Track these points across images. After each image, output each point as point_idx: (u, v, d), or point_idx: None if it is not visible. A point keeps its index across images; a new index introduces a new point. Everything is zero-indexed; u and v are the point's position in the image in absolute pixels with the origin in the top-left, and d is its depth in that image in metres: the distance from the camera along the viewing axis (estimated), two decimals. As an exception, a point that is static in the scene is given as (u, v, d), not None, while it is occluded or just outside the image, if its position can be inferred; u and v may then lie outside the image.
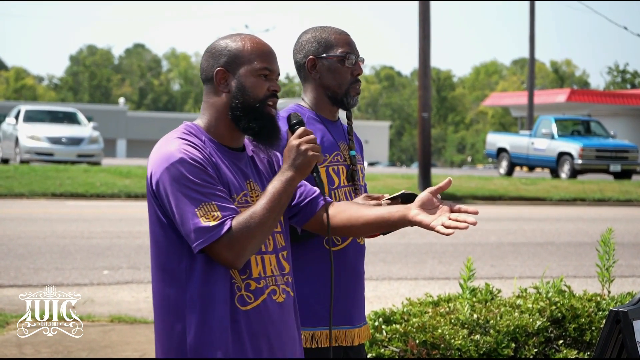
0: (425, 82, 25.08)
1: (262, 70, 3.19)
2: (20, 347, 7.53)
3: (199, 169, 3.05)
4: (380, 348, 5.83)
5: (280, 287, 3.20)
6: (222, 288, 3.07)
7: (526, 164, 33.74)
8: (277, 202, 3.06)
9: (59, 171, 23.97)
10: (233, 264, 3.04)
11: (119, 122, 78.63)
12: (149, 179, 3.11)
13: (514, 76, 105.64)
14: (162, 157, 3.08)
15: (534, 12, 40.22)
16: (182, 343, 3.08)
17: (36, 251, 12.64)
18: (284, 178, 3.10)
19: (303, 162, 3.11)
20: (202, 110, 3.24)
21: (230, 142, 3.22)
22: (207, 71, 3.22)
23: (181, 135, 3.14)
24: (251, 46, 3.21)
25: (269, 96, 3.20)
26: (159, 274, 3.14)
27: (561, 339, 5.95)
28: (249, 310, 3.11)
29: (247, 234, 3.01)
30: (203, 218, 2.99)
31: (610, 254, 6.56)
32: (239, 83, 3.17)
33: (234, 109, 3.17)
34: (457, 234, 15.77)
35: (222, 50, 3.21)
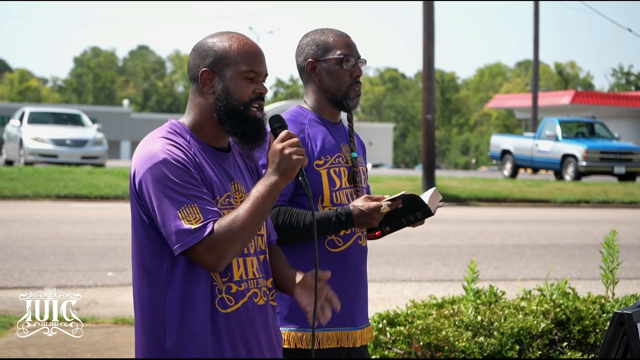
0: (429, 84, 25.08)
1: (248, 73, 3.14)
2: (25, 349, 7.54)
3: (182, 170, 3.01)
4: (384, 350, 5.83)
5: (261, 290, 3.18)
6: (202, 290, 3.05)
7: (530, 166, 33.70)
8: (260, 207, 3.02)
9: (63, 173, 23.98)
10: (213, 268, 3.01)
11: (123, 124, 78.69)
12: (132, 178, 3.08)
13: (518, 78, 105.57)
14: (146, 156, 3.05)
15: (538, 14, 40.20)
16: (161, 345, 3.08)
17: (40, 253, 12.65)
18: (268, 182, 3.05)
19: (287, 166, 3.06)
20: (188, 109, 3.21)
21: (215, 142, 3.19)
22: (193, 70, 3.19)
23: (165, 135, 3.11)
24: (238, 47, 3.16)
25: (255, 99, 3.15)
26: (140, 274, 3.11)
27: (565, 341, 5.95)
28: (229, 313, 3.09)
29: (229, 237, 2.98)
30: (185, 220, 2.97)
31: (615, 256, 6.55)
32: (224, 85, 3.13)
33: (219, 111, 3.13)
34: (461, 236, 15.76)
35: (208, 50, 3.17)
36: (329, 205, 3.85)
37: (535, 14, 40.21)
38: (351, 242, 3.90)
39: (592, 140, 31.64)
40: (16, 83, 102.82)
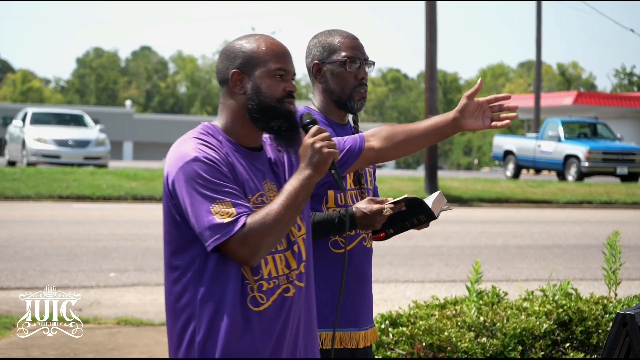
0: (431, 84, 25.06)
1: (277, 71, 3.20)
2: (27, 349, 7.55)
3: (214, 168, 3.06)
4: (387, 351, 5.83)
5: (293, 283, 3.21)
6: (233, 289, 3.08)
7: (533, 167, 33.69)
8: (293, 200, 3.06)
9: (65, 173, 23.99)
10: (248, 261, 3.05)
11: (126, 125, 78.73)
12: (165, 179, 3.14)
13: (520, 79, 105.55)
14: (178, 156, 3.11)
15: (540, 15, 40.20)
16: (191, 342, 3.12)
17: (42, 253, 12.65)
18: (301, 176, 3.10)
19: (319, 159, 3.11)
20: (220, 112, 3.27)
21: (248, 142, 3.23)
22: (222, 73, 3.24)
23: (197, 135, 3.17)
24: (266, 47, 3.22)
25: (285, 97, 3.20)
26: (172, 273, 3.15)
27: (568, 342, 5.95)
28: (262, 311, 3.12)
29: (262, 230, 3.01)
30: (217, 215, 3.00)
31: (617, 257, 6.55)
32: (254, 85, 3.19)
33: (251, 111, 3.19)
34: (463, 237, 15.76)
35: (237, 51, 3.22)
36: (333, 207, 3.85)
37: (537, 14, 40.21)
38: (355, 243, 3.90)
39: (594, 140, 31.63)
40: (19, 84, 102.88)
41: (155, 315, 9.25)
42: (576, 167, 30.67)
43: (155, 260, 12.51)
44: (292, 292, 3.20)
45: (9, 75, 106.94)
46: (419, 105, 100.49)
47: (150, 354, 7.59)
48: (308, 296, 3.29)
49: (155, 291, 10.62)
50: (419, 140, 3.70)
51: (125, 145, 78.27)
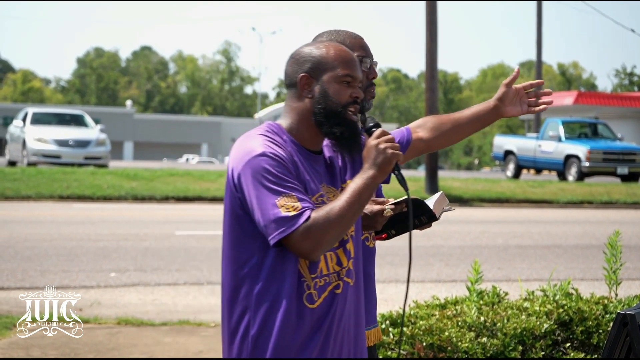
0: (432, 84, 25.07)
1: (345, 77, 3.27)
2: (28, 349, 7.55)
3: (280, 163, 3.13)
4: (387, 351, 5.83)
5: (343, 280, 3.28)
6: (290, 285, 3.16)
7: (533, 167, 33.68)
8: (357, 198, 3.13)
9: (65, 173, 23.99)
10: (309, 255, 3.11)
11: (126, 125, 78.74)
12: (230, 173, 3.20)
13: (521, 78, 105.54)
14: (245, 151, 3.17)
15: (541, 15, 40.21)
16: (245, 335, 3.20)
17: (43, 253, 12.66)
18: (366, 176, 3.17)
19: (384, 160, 3.17)
20: (285, 114, 3.33)
21: (310, 145, 3.31)
22: (291, 76, 3.31)
23: (263, 133, 3.23)
24: (335, 53, 3.30)
25: (351, 103, 3.28)
26: (231, 266, 3.23)
27: (568, 342, 5.95)
28: (316, 308, 3.20)
29: (325, 225, 3.07)
30: (283, 208, 3.07)
31: (618, 257, 6.55)
32: (322, 89, 3.26)
33: (317, 114, 3.26)
34: (463, 237, 15.76)
35: (306, 56, 3.30)
36: None
37: (538, 14, 40.22)
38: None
39: (595, 140, 31.63)
40: (19, 84, 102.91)
41: (156, 315, 9.26)
42: (577, 167, 30.67)
43: (156, 260, 12.51)
44: (341, 289, 3.28)
45: (10, 75, 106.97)
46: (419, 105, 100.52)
47: (151, 354, 7.59)
48: (357, 293, 3.37)
49: (155, 291, 10.63)
50: (464, 129, 3.88)
51: (125, 145, 78.29)
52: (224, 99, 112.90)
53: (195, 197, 22.40)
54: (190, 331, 8.51)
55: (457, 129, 3.88)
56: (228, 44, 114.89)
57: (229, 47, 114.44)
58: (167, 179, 24.48)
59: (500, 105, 3.86)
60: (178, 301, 10.15)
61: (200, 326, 8.74)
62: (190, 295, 10.45)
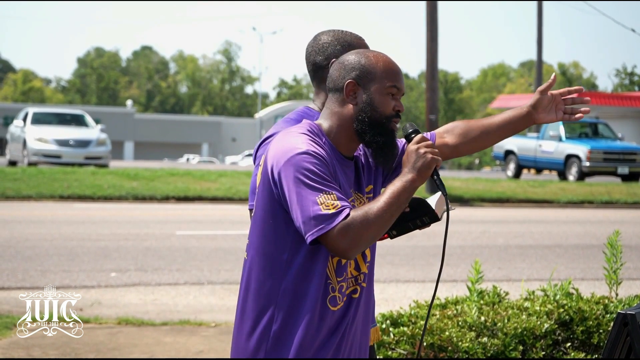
0: (432, 84, 25.07)
1: (391, 89, 3.30)
2: (28, 349, 7.55)
3: (322, 163, 3.16)
4: (388, 350, 5.83)
5: (360, 285, 3.33)
6: (316, 286, 3.20)
7: (534, 167, 33.68)
8: (395, 199, 3.14)
9: (66, 173, 24.00)
10: (346, 253, 3.12)
11: (127, 125, 78.74)
12: (269, 169, 3.21)
13: (521, 78, 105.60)
14: (287, 148, 3.18)
15: (541, 14, 40.21)
16: (267, 329, 3.22)
17: (43, 253, 12.66)
18: (405, 179, 3.19)
19: (423, 164, 3.20)
20: (325, 116, 3.36)
21: (344, 150, 3.34)
22: (337, 81, 3.34)
23: (305, 132, 3.25)
24: (384, 64, 3.32)
25: (394, 115, 3.31)
26: (260, 261, 3.25)
27: (569, 342, 5.95)
28: (337, 310, 3.25)
29: (364, 224, 3.09)
30: (323, 206, 3.09)
31: (618, 257, 6.55)
32: (368, 98, 3.29)
33: (361, 122, 3.29)
34: (464, 237, 15.76)
35: (354, 64, 3.33)
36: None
37: (538, 14, 40.21)
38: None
39: (595, 140, 31.62)
40: (20, 83, 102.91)
41: (156, 315, 9.26)
42: (577, 166, 30.66)
43: (156, 260, 12.52)
44: (358, 293, 3.33)
45: (10, 75, 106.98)
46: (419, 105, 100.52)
47: (151, 354, 7.59)
48: (368, 296, 3.41)
49: (156, 291, 10.63)
50: (494, 136, 3.81)
51: (126, 145, 78.29)
52: (224, 99, 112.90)
53: (195, 197, 22.41)
54: (190, 331, 8.51)
55: (485, 135, 3.81)
56: (228, 44, 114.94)
57: (229, 47, 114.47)
58: (167, 178, 24.48)
59: (534, 112, 3.78)
60: (179, 301, 10.15)
61: (200, 326, 8.74)
62: (190, 295, 10.46)
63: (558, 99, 3.78)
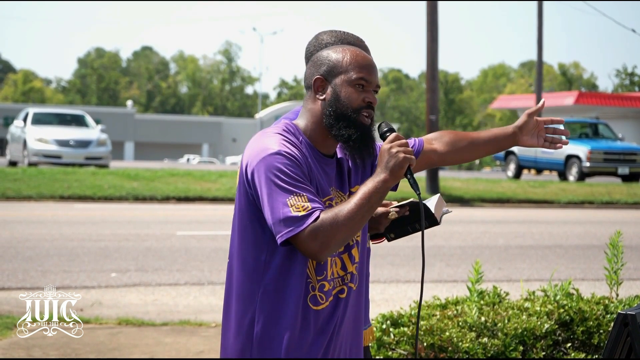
0: (433, 84, 25.07)
1: (359, 81, 3.29)
2: (29, 350, 7.55)
3: (295, 164, 3.15)
4: (388, 351, 5.83)
5: (347, 285, 3.32)
6: (295, 285, 3.19)
7: (534, 167, 33.69)
8: (367, 200, 3.13)
9: (66, 174, 24.00)
10: (317, 256, 3.11)
11: (127, 125, 78.73)
12: (243, 169, 3.22)
13: (521, 79, 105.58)
14: (260, 148, 3.19)
15: (541, 15, 40.18)
16: (250, 330, 3.22)
17: (44, 254, 12.66)
18: (377, 179, 3.17)
19: (395, 164, 3.17)
20: (301, 114, 3.37)
21: (323, 148, 3.33)
22: (308, 79, 3.36)
23: (280, 132, 3.25)
24: (351, 57, 3.32)
25: (364, 107, 3.29)
26: (239, 263, 3.26)
27: (569, 342, 5.95)
28: (319, 310, 3.23)
29: (334, 226, 3.08)
30: (293, 208, 3.08)
31: (619, 257, 6.55)
32: (334, 91, 3.28)
33: (328, 116, 3.28)
34: (464, 237, 15.76)
35: (323, 59, 3.34)
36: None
37: (539, 14, 40.19)
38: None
39: (595, 141, 31.63)
40: (20, 84, 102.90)
41: (157, 316, 9.26)
42: (577, 167, 30.67)
43: (157, 260, 12.52)
44: (345, 293, 3.31)
45: (11, 76, 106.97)
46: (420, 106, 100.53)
47: (152, 354, 7.59)
48: (358, 297, 3.39)
49: (156, 291, 10.63)
50: (479, 149, 3.83)
51: (126, 146, 78.29)
52: (224, 99, 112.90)
53: (196, 197, 22.41)
54: (191, 331, 8.51)
55: (472, 148, 3.84)
56: (229, 44, 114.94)
57: (229, 47, 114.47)
58: (168, 179, 24.48)
59: (519, 133, 3.82)
60: (179, 301, 10.15)
61: (201, 326, 8.74)
62: (191, 296, 10.46)
63: (541, 126, 3.83)
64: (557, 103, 51.52)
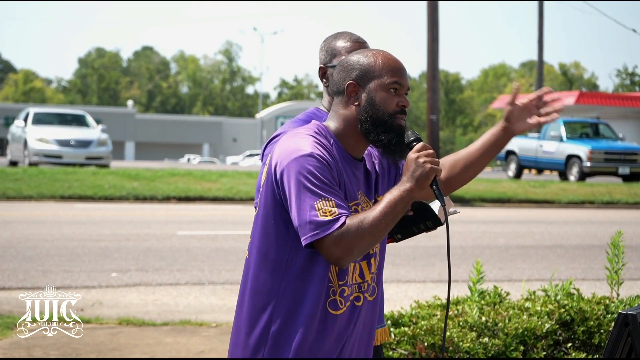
0: (433, 84, 25.07)
1: (392, 85, 3.27)
2: (29, 349, 7.55)
3: (326, 167, 3.13)
4: (389, 351, 5.83)
5: (364, 294, 3.31)
6: (315, 288, 3.17)
7: (535, 167, 33.69)
8: (392, 209, 3.11)
9: (67, 174, 24.00)
10: (339, 262, 3.10)
11: (128, 125, 78.74)
12: (272, 168, 3.19)
13: (522, 79, 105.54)
14: (292, 149, 3.16)
15: (542, 15, 40.19)
16: (266, 329, 3.21)
17: (44, 254, 12.66)
18: (403, 188, 3.14)
19: (422, 174, 3.15)
20: (332, 118, 3.33)
21: (353, 151, 3.31)
22: (339, 84, 3.32)
23: (313, 134, 3.23)
24: (382, 61, 3.29)
25: (398, 112, 3.28)
26: (260, 261, 3.23)
27: (570, 342, 5.94)
28: (338, 315, 3.22)
29: (358, 233, 3.06)
30: (320, 212, 3.06)
31: (620, 257, 6.55)
32: (369, 97, 3.26)
33: (364, 122, 3.26)
34: (465, 237, 15.76)
35: (354, 64, 3.30)
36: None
37: (539, 14, 40.20)
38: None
39: (596, 140, 31.63)
40: (20, 84, 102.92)
41: (157, 316, 9.26)
42: (578, 167, 30.66)
43: (157, 260, 12.52)
44: (362, 301, 3.30)
45: (11, 76, 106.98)
46: (420, 106, 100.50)
47: (152, 354, 7.59)
48: (373, 308, 3.39)
49: (157, 291, 10.63)
50: (478, 162, 3.77)
51: (127, 145, 78.31)
52: (225, 99, 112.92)
53: (196, 197, 22.41)
54: (191, 331, 8.51)
55: (470, 165, 3.77)
56: (229, 44, 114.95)
57: (230, 47, 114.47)
58: (168, 179, 24.48)
59: (509, 125, 3.71)
60: (179, 301, 10.15)
61: (201, 326, 8.74)
62: (191, 296, 10.46)
63: (530, 106, 3.71)
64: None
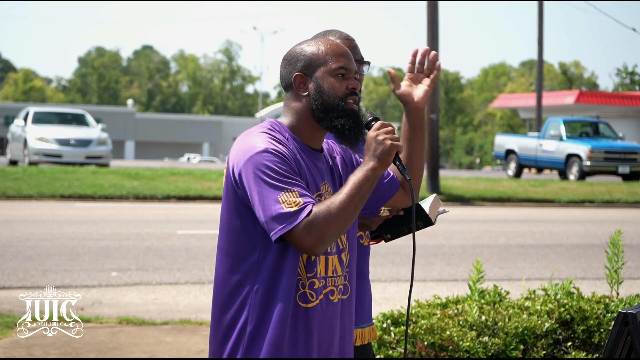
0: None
1: (339, 70, 3.27)
2: (29, 349, 7.55)
3: (283, 160, 3.13)
4: (389, 350, 5.83)
5: (337, 288, 3.29)
6: (287, 283, 3.16)
7: (534, 166, 33.68)
8: (357, 190, 3.11)
9: (67, 173, 24.00)
10: (313, 250, 3.09)
11: (127, 124, 78.71)
12: (230, 170, 3.20)
13: (522, 78, 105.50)
14: (246, 148, 3.17)
15: (542, 14, 40.19)
16: (242, 332, 3.19)
17: (44, 253, 12.66)
18: (366, 168, 3.15)
19: (383, 151, 3.15)
20: (284, 113, 3.33)
21: (311, 143, 3.31)
22: (286, 78, 3.32)
23: (265, 130, 3.24)
24: (326, 48, 3.29)
25: (349, 94, 3.27)
26: (230, 263, 3.22)
27: (570, 341, 5.95)
28: (309, 308, 3.21)
29: (327, 219, 3.06)
30: (285, 204, 3.06)
31: (619, 256, 6.55)
32: (317, 85, 3.26)
33: (315, 111, 3.26)
34: (465, 236, 15.76)
35: (298, 55, 3.31)
36: None
37: (539, 13, 40.20)
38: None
39: (596, 140, 31.62)
40: (20, 83, 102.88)
41: (157, 315, 9.26)
42: (578, 166, 30.66)
43: (157, 259, 12.52)
44: (336, 296, 3.28)
45: (11, 75, 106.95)
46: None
47: (152, 354, 7.59)
48: (349, 298, 3.37)
49: (157, 290, 10.63)
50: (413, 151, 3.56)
51: (127, 145, 78.27)
52: (225, 99, 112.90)
53: (196, 197, 22.41)
54: (191, 330, 8.51)
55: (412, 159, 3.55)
56: (229, 43, 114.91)
57: (230, 47, 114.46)
58: (168, 178, 24.48)
59: (409, 102, 3.52)
60: (179, 300, 10.15)
61: (201, 325, 8.74)
62: (191, 295, 10.46)
63: (413, 77, 3.56)
64: (557, 102, 51.52)
